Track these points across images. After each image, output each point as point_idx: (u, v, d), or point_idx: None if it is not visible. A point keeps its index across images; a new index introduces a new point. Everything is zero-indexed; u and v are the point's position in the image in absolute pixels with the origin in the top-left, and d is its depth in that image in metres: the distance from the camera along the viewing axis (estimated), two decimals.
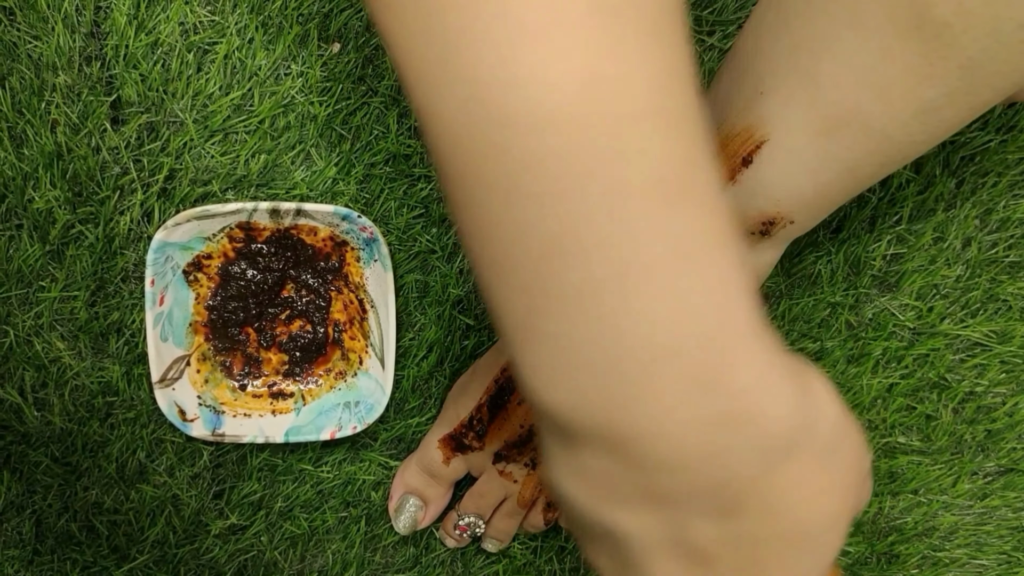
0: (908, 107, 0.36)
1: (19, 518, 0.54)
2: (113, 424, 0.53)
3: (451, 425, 0.53)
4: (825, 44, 0.36)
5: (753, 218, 0.41)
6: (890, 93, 0.36)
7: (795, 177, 0.40)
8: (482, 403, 0.51)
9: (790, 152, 0.39)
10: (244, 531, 0.56)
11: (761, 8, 0.40)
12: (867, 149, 0.38)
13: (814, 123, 0.38)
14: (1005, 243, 0.54)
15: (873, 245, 0.54)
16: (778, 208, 0.41)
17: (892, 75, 0.36)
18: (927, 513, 0.59)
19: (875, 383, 0.56)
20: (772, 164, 0.40)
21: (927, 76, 0.35)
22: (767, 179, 0.40)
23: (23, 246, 0.50)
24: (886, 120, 0.37)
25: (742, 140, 0.40)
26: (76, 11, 0.47)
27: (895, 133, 0.37)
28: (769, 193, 0.40)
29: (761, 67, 0.39)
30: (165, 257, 0.49)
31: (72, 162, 0.49)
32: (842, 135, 0.38)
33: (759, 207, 0.41)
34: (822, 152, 0.39)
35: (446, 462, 0.53)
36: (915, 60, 0.35)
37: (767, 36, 0.39)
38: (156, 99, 0.49)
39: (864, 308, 0.55)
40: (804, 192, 0.40)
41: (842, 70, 0.36)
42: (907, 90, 0.36)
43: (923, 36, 0.34)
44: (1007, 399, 0.57)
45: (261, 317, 0.52)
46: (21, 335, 0.51)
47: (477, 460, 0.53)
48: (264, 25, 0.49)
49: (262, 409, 0.53)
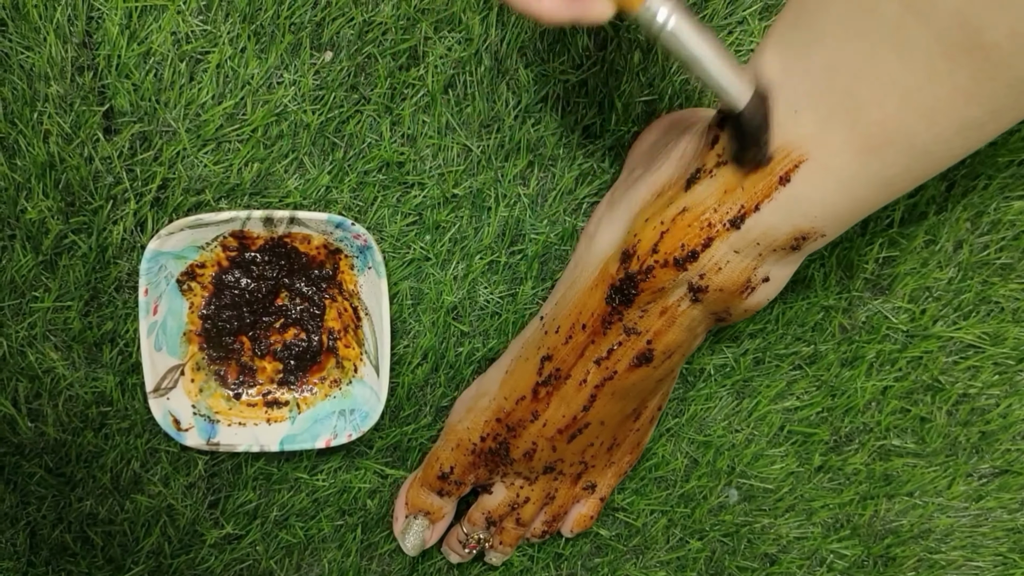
0: (952, 125, 0.36)
1: (13, 530, 0.53)
2: (107, 434, 0.53)
3: (455, 445, 0.52)
4: (867, 66, 0.36)
5: (787, 234, 0.41)
6: (935, 113, 0.36)
7: (832, 194, 0.40)
8: (479, 460, 0.51)
9: (829, 170, 0.39)
10: (240, 540, 0.56)
11: (782, 27, 0.40)
12: (906, 165, 0.38)
13: (855, 143, 0.38)
14: (996, 245, 0.54)
15: (865, 248, 0.54)
16: (812, 224, 0.41)
17: (939, 96, 0.36)
18: (923, 515, 0.59)
19: (869, 386, 0.56)
20: (809, 182, 0.40)
21: (974, 95, 0.35)
22: (804, 196, 0.40)
23: (16, 256, 0.50)
24: (929, 138, 0.37)
25: (780, 159, 0.40)
26: (68, 21, 0.47)
27: (936, 150, 0.38)
28: (805, 210, 0.40)
29: (792, 85, 0.39)
30: (159, 266, 0.49)
31: (65, 172, 0.49)
32: (884, 153, 0.38)
33: (794, 223, 0.41)
34: (862, 170, 0.39)
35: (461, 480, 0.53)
36: (963, 81, 0.35)
37: (795, 56, 0.39)
38: (148, 109, 0.49)
39: (857, 311, 0.56)
40: (839, 207, 0.40)
41: (886, 92, 0.36)
42: (953, 109, 0.36)
43: (973, 58, 0.34)
44: (1001, 401, 0.57)
45: (255, 326, 0.52)
46: (14, 345, 0.51)
47: (482, 475, 0.53)
48: (256, 34, 0.49)
49: (257, 418, 0.53)
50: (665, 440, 0.57)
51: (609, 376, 0.47)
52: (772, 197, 0.41)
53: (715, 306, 0.45)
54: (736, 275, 0.43)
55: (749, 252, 0.42)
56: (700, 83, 0.40)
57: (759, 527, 0.59)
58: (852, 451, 0.58)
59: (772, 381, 0.56)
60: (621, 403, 0.49)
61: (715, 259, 0.43)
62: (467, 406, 0.53)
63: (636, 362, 0.47)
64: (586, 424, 0.49)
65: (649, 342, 0.46)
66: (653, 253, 0.44)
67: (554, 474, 0.52)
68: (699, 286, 0.44)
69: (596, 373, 0.47)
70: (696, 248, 0.43)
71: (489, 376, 0.52)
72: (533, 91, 0.51)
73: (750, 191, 0.41)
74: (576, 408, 0.48)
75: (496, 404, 0.51)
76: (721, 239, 0.42)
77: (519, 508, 0.53)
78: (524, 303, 0.54)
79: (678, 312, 0.45)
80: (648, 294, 0.45)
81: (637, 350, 0.46)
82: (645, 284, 0.44)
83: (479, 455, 0.52)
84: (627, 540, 0.59)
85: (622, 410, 0.49)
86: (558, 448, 0.50)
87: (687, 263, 0.43)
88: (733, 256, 0.43)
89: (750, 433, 0.57)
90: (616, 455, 0.53)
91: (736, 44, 0.51)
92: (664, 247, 0.43)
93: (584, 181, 0.52)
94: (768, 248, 0.42)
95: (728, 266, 0.43)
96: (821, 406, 0.57)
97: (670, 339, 0.46)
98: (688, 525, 0.58)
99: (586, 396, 0.48)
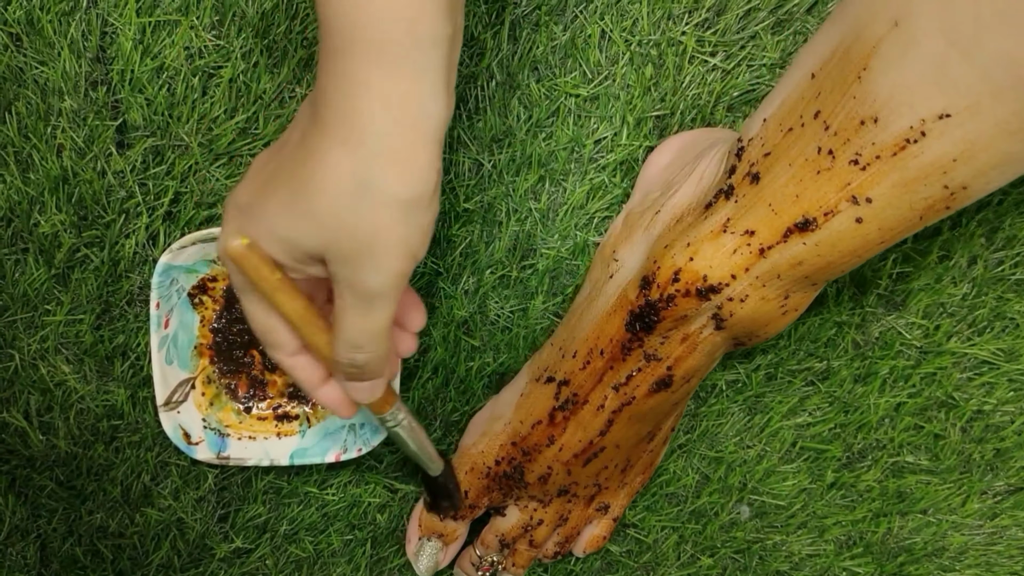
0: (991, 160, 0.36)
1: (24, 542, 0.53)
2: (118, 447, 0.53)
3: (469, 468, 0.52)
4: (908, 102, 0.36)
5: (812, 266, 0.41)
6: (975, 148, 0.36)
7: (863, 226, 0.40)
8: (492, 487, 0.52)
9: (865, 208, 0.39)
10: (249, 554, 0.55)
11: (814, 53, 0.40)
12: (942, 197, 0.38)
13: (892, 178, 0.38)
14: (1011, 261, 0.54)
15: (879, 264, 0.54)
16: (843, 258, 0.41)
17: (980, 131, 0.35)
18: (936, 533, 0.58)
19: (882, 402, 0.56)
20: (846, 220, 0.40)
21: (1016, 131, 0.35)
22: (838, 232, 0.40)
23: (29, 270, 0.50)
24: (967, 172, 0.37)
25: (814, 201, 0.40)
26: (82, 36, 0.48)
27: (973, 183, 0.37)
28: (840, 247, 0.40)
29: (825, 114, 0.39)
30: (170, 280, 0.49)
31: (78, 186, 0.49)
32: (921, 188, 0.38)
33: (827, 259, 0.41)
34: (898, 205, 0.39)
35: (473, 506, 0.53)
36: (1006, 117, 0.35)
37: (831, 84, 0.39)
38: (161, 123, 0.49)
39: (870, 327, 0.55)
40: (871, 241, 0.40)
41: (926, 127, 0.36)
42: (992, 145, 0.36)
43: (1019, 96, 0.34)
44: (1015, 417, 0.57)
45: None
46: (26, 359, 0.51)
47: (496, 498, 0.53)
48: (268, 49, 0.49)
49: (267, 432, 0.53)
50: (677, 456, 0.57)
51: (627, 401, 0.47)
52: (804, 242, 0.41)
53: (738, 333, 0.45)
54: (761, 305, 0.43)
55: (773, 284, 0.42)
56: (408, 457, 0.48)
57: (771, 544, 0.58)
58: (865, 468, 0.57)
59: (784, 397, 0.56)
60: (638, 427, 0.48)
61: (739, 290, 0.42)
62: (481, 429, 0.52)
63: (655, 387, 0.46)
64: (602, 448, 0.49)
65: (669, 368, 0.46)
66: (674, 282, 0.43)
67: (568, 496, 0.52)
68: (723, 316, 0.43)
69: (614, 399, 0.47)
70: (720, 281, 0.42)
71: (503, 399, 0.52)
72: (544, 106, 0.51)
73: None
74: (593, 433, 0.48)
75: (511, 428, 0.50)
76: (745, 270, 0.42)
77: (532, 530, 0.53)
78: (535, 318, 0.54)
79: (700, 339, 0.45)
80: (669, 322, 0.44)
81: (657, 376, 0.46)
82: (667, 312, 0.44)
83: (493, 478, 0.51)
84: (638, 556, 0.58)
85: (638, 433, 0.49)
86: (573, 472, 0.50)
87: (710, 294, 0.43)
88: (758, 287, 0.42)
89: (762, 449, 0.57)
90: (629, 476, 0.53)
91: (748, 59, 0.51)
92: (685, 276, 0.43)
93: (595, 196, 0.52)
94: (791, 279, 0.42)
95: (752, 297, 0.43)
96: (834, 422, 0.57)
97: (690, 364, 0.46)
98: (699, 542, 0.58)
99: (603, 421, 0.47)
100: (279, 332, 0.39)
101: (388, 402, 0.43)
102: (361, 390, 0.40)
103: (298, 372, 0.40)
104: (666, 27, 0.50)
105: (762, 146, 0.42)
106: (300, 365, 0.40)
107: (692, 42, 0.50)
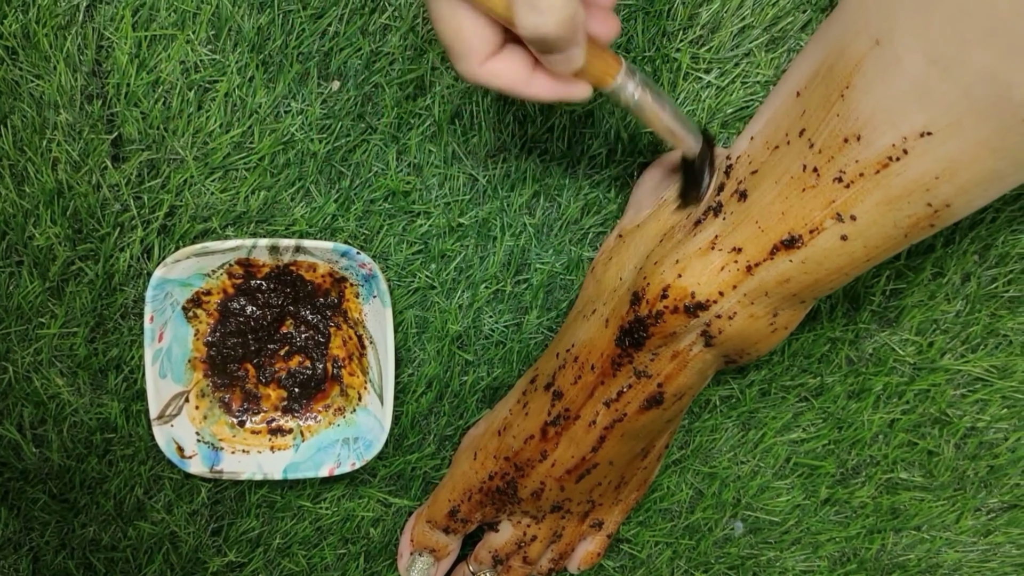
0: (974, 178, 0.36)
1: (16, 555, 0.53)
2: (111, 461, 0.53)
3: (462, 482, 0.52)
4: (890, 120, 0.36)
5: (800, 284, 0.41)
6: (957, 166, 0.36)
7: (848, 244, 0.40)
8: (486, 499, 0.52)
9: (850, 225, 0.39)
10: (242, 568, 0.55)
11: (799, 71, 0.40)
12: (926, 215, 0.38)
13: (876, 196, 0.38)
14: (1004, 278, 0.54)
15: (872, 280, 0.54)
16: (829, 276, 0.41)
17: (962, 149, 0.36)
18: (930, 550, 0.58)
19: (876, 419, 0.56)
20: (832, 237, 0.40)
21: (997, 149, 0.35)
22: (824, 249, 0.40)
23: (23, 283, 0.50)
24: (949, 190, 0.37)
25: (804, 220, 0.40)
26: (78, 50, 0.48)
27: (956, 201, 0.37)
28: (826, 264, 0.41)
29: (810, 132, 0.39)
30: (164, 294, 0.49)
31: (73, 199, 0.49)
32: (904, 205, 0.38)
33: (814, 276, 0.41)
34: (882, 222, 0.39)
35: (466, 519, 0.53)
36: (987, 135, 0.35)
37: (815, 102, 0.39)
38: (157, 137, 0.49)
39: (864, 343, 0.55)
40: (857, 259, 0.40)
41: (908, 145, 0.36)
42: (975, 162, 0.36)
43: (1000, 114, 0.34)
44: (1009, 434, 0.57)
45: (260, 353, 0.52)
46: (20, 371, 0.51)
47: (489, 513, 0.53)
48: (264, 63, 0.49)
49: (260, 445, 0.53)
50: (670, 471, 0.57)
51: (619, 418, 0.47)
52: (791, 259, 0.41)
53: (728, 350, 0.45)
54: (750, 323, 0.43)
55: (761, 301, 0.42)
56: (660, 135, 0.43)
57: (765, 560, 0.58)
58: (859, 484, 0.57)
59: (778, 413, 0.56)
60: (630, 443, 0.48)
61: (727, 307, 0.42)
62: (474, 444, 0.52)
63: (646, 404, 0.46)
64: (595, 464, 0.49)
65: (660, 385, 0.46)
66: (663, 298, 0.43)
67: (561, 512, 0.52)
68: (712, 333, 0.43)
69: (605, 415, 0.47)
70: (708, 298, 0.42)
71: (497, 413, 0.52)
72: (539, 121, 0.51)
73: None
74: (585, 449, 0.48)
75: (504, 443, 0.50)
76: (732, 287, 0.42)
77: (526, 547, 0.53)
78: (529, 332, 0.54)
79: (690, 356, 0.45)
80: (659, 338, 0.44)
81: (647, 393, 0.46)
82: (655, 328, 0.44)
83: (486, 493, 0.51)
84: (631, 572, 0.58)
85: (631, 450, 0.49)
86: (566, 488, 0.50)
87: (698, 311, 0.43)
88: (746, 304, 0.42)
89: (756, 465, 0.57)
90: (623, 492, 0.53)
91: (743, 76, 0.51)
92: (674, 293, 0.43)
93: (590, 211, 0.52)
94: (779, 296, 0.42)
95: (741, 314, 0.43)
96: (827, 438, 0.56)
97: (681, 382, 0.46)
98: (693, 557, 0.58)
99: (595, 437, 0.47)
100: (465, 33, 0.34)
101: (608, 72, 0.38)
102: (558, 62, 0.36)
103: (496, 80, 0.36)
104: (661, 44, 0.50)
105: (749, 163, 0.42)
106: (496, 71, 0.36)
107: (687, 59, 0.50)
